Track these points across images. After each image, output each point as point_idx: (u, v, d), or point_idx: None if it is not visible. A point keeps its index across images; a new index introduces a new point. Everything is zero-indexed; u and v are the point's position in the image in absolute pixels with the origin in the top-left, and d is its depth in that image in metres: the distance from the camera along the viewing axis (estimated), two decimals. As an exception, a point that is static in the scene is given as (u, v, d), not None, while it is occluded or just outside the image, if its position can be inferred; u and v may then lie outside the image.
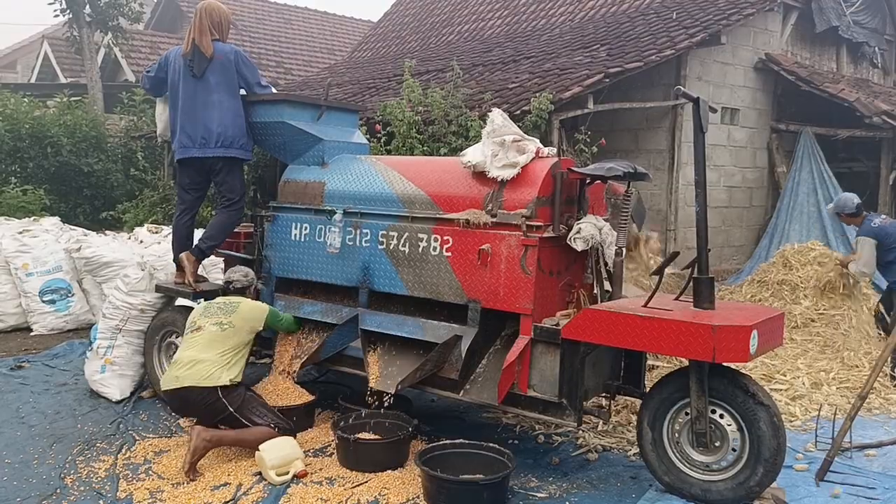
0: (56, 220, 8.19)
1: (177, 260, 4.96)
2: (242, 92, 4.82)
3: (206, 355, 4.07)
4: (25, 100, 12.53)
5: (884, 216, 6.36)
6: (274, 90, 5.14)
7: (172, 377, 4.07)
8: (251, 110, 4.85)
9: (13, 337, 6.83)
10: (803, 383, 5.50)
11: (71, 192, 12.02)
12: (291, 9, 22.53)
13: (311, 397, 4.57)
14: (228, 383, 4.04)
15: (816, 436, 4.47)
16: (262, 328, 4.35)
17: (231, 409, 4.01)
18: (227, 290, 4.54)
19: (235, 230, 5.21)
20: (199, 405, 4.04)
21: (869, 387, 4.27)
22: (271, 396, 4.45)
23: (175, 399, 4.13)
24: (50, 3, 14.34)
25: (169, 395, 4.16)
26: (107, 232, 8.91)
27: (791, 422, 4.83)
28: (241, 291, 4.50)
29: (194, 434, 3.91)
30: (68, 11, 14.42)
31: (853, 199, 6.33)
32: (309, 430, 4.49)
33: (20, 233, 7.33)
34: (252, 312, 4.31)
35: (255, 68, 4.86)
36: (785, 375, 5.63)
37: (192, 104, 4.70)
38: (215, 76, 4.66)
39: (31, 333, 6.92)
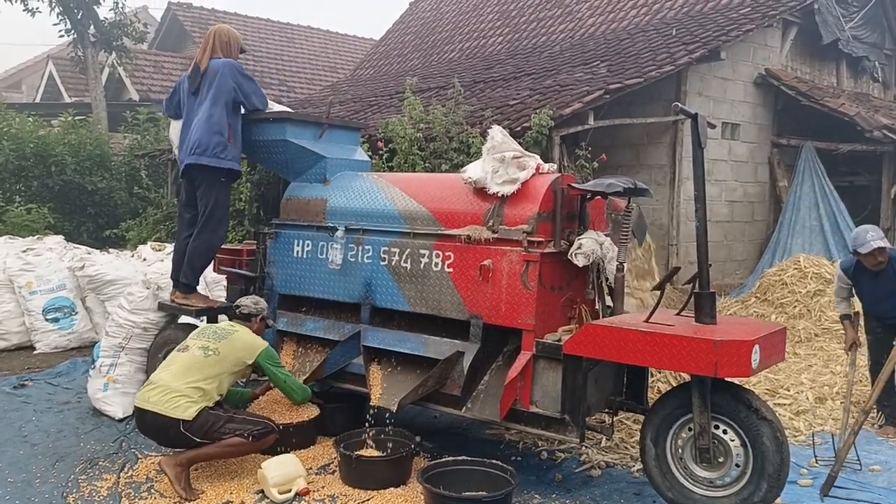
0: (60, 238, 8.23)
1: (174, 278, 4.97)
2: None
3: (180, 383, 3.87)
4: (30, 119, 12.64)
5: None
6: (271, 101, 5.09)
7: (143, 397, 3.91)
8: (254, 129, 4.89)
9: (16, 355, 6.84)
10: (807, 398, 5.48)
11: (75, 211, 12.09)
12: (294, 28, 22.71)
13: (314, 413, 4.54)
14: (193, 417, 3.81)
15: (815, 453, 4.43)
16: (251, 362, 4.13)
17: (197, 440, 3.83)
18: (233, 313, 4.44)
19: (238, 248, 5.23)
20: (163, 434, 3.90)
21: (872, 401, 4.27)
22: (275, 411, 4.43)
23: (141, 421, 3.96)
24: (55, 24, 14.49)
25: (137, 415, 3.99)
26: (110, 250, 8.96)
27: (795, 437, 4.80)
28: (247, 318, 4.35)
29: (165, 468, 3.81)
30: (73, 31, 14.56)
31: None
32: (312, 447, 4.47)
33: (24, 251, 7.37)
34: (244, 344, 4.12)
35: (252, 80, 4.86)
36: (788, 390, 5.61)
37: (188, 118, 4.81)
38: (206, 89, 4.72)
39: (35, 352, 6.92)
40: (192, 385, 3.88)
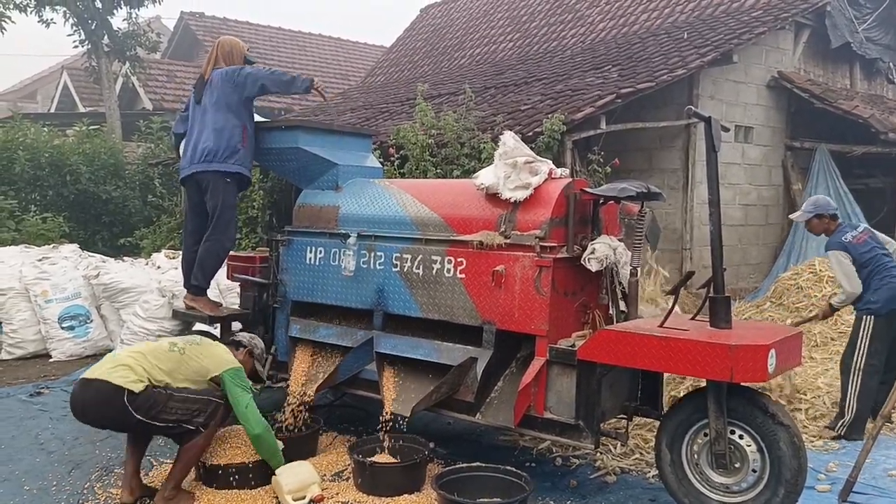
0: (75, 246, 8.29)
1: (187, 286, 4.99)
2: (258, 118, 4.89)
3: (132, 360, 3.68)
4: (45, 129, 12.78)
5: (861, 228, 5.21)
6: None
7: (90, 372, 3.70)
8: (267, 136, 4.92)
9: (32, 363, 6.88)
10: (824, 402, 5.43)
11: (90, 220, 12.19)
12: (306, 35, 22.84)
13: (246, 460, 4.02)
14: (140, 390, 3.57)
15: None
16: (215, 375, 3.82)
17: (138, 417, 3.57)
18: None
19: (251, 255, 5.24)
20: (103, 408, 3.61)
21: (891, 406, 4.21)
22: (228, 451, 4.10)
23: (81, 398, 3.65)
24: (69, 35, 14.66)
25: (78, 391, 3.67)
26: (125, 258, 9.02)
27: (812, 442, 4.76)
28: (236, 345, 4.20)
29: None
30: (87, 42, 14.72)
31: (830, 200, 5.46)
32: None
33: (39, 260, 7.42)
34: (213, 354, 3.89)
35: (241, 69, 4.79)
36: (805, 395, 5.56)
37: (192, 127, 4.87)
38: (208, 97, 4.79)
39: (50, 360, 6.97)
40: (143, 365, 3.67)
